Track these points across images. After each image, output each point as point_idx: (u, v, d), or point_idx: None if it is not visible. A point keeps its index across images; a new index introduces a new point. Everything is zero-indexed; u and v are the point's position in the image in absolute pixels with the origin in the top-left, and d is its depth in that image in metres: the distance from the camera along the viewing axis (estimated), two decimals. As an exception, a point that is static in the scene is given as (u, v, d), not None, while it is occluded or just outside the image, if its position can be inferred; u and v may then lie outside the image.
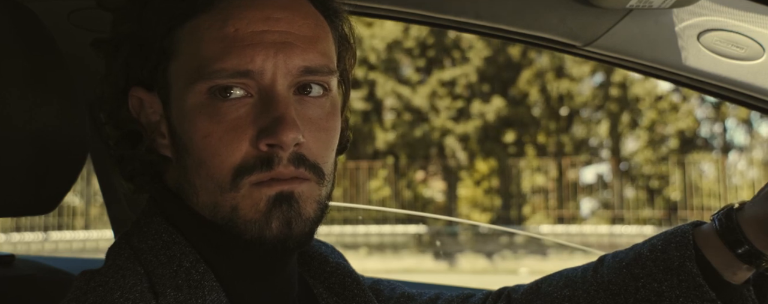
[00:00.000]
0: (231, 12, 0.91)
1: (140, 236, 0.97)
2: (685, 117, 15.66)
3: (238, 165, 0.90)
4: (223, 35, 0.90)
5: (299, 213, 0.92)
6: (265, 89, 0.90)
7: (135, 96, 0.96)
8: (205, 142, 0.90)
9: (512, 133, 16.41)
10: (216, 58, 0.89)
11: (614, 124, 16.36)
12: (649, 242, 1.13)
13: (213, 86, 0.89)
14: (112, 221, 1.92)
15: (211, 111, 0.90)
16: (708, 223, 1.10)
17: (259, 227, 0.90)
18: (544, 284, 1.22)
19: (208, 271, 0.94)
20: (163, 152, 0.97)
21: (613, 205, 16.28)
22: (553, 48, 1.41)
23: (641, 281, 1.09)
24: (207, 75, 0.89)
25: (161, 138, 0.97)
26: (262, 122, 0.89)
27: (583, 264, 1.21)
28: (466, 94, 16.22)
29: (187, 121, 0.91)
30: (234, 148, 0.90)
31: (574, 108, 16.65)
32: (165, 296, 0.89)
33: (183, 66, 0.92)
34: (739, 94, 1.34)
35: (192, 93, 0.90)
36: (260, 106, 0.90)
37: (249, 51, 0.89)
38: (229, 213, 0.91)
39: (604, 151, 16.97)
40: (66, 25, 1.54)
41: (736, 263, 1.06)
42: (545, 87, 16.30)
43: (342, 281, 1.17)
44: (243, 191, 0.90)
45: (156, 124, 0.97)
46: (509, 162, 16.66)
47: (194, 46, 0.91)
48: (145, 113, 0.97)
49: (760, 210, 1.05)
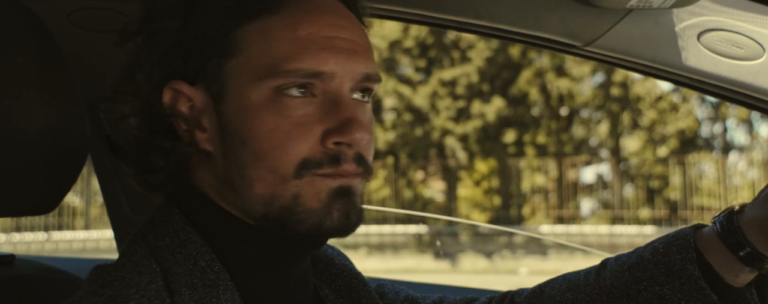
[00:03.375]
0: (301, 16, 0.95)
1: (157, 234, 0.98)
2: (685, 117, 15.65)
3: (305, 158, 0.94)
4: (296, 37, 0.94)
5: (355, 205, 0.98)
6: (332, 91, 0.96)
7: (173, 89, 0.97)
8: (270, 136, 0.93)
9: (512, 133, 16.41)
10: (290, 59, 0.93)
11: (614, 124, 16.36)
12: (651, 245, 1.13)
13: (283, 84, 0.93)
14: (112, 221, 1.92)
15: (278, 107, 0.93)
16: (709, 226, 1.10)
17: (321, 216, 0.95)
18: (547, 287, 1.23)
19: (223, 270, 0.95)
20: (203, 146, 0.98)
21: (613, 205, 16.27)
22: (553, 48, 1.41)
23: (643, 284, 1.10)
24: (280, 74, 0.93)
25: (201, 132, 0.98)
26: (330, 122, 0.95)
27: (586, 268, 1.21)
28: (466, 94, 16.21)
29: (250, 116, 0.94)
30: (300, 142, 0.94)
31: (574, 108, 16.64)
32: (180, 295, 0.90)
33: (247, 63, 0.95)
34: (739, 94, 1.34)
35: (257, 89, 0.94)
36: (326, 107, 0.95)
37: (323, 54, 0.94)
38: (289, 202, 0.94)
39: (604, 151, 16.97)
40: (66, 25, 1.54)
41: (737, 265, 1.06)
42: (545, 87, 16.30)
43: (348, 283, 1.18)
44: (306, 179, 0.94)
45: (195, 118, 0.98)
46: (509, 162, 16.65)
47: (263, 46, 0.94)
48: (182, 107, 0.98)
49: (760, 212, 1.05)
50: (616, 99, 16.07)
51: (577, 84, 16.26)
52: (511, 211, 16.57)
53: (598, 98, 16.36)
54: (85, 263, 2.41)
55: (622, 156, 16.59)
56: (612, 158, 16.61)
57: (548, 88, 16.29)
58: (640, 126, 16.09)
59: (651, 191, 15.90)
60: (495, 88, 16.49)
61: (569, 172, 16.58)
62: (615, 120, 16.31)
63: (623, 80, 15.81)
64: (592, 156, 16.92)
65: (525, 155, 16.57)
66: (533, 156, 16.51)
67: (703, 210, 14.88)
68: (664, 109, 15.75)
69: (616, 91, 15.94)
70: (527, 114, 16.66)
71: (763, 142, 15.98)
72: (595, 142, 16.92)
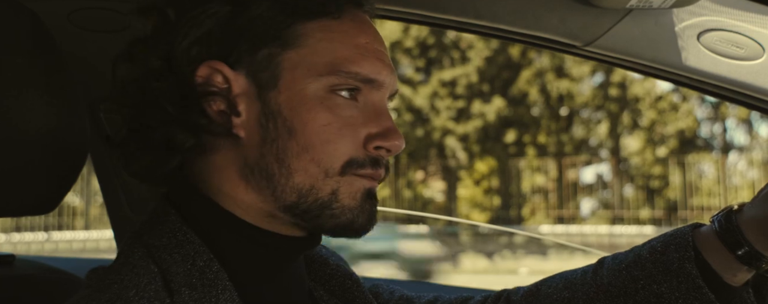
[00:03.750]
0: (358, 26, 1.02)
1: (153, 234, 0.98)
2: (685, 117, 15.65)
3: (351, 157, 0.98)
4: (357, 43, 1.00)
5: (377, 208, 1.04)
6: (375, 101, 1.02)
7: (212, 68, 0.97)
8: (323, 130, 0.97)
9: (512, 133, 16.41)
10: (352, 61, 0.99)
11: (614, 124, 16.35)
12: (649, 244, 1.13)
13: (339, 84, 0.98)
14: (112, 221, 1.92)
15: (331, 104, 0.98)
16: (708, 225, 1.10)
17: (354, 214, 0.99)
18: (543, 286, 1.23)
19: (222, 270, 0.95)
20: (235, 130, 0.98)
21: (612, 205, 16.27)
22: (553, 48, 1.41)
23: (641, 282, 1.10)
24: (340, 73, 0.98)
25: (235, 116, 0.98)
26: (372, 127, 1.00)
27: (583, 266, 1.21)
28: (466, 94, 16.21)
29: (304, 108, 0.97)
30: (348, 141, 0.98)
31: (574, 108, 16.64)
32: (180, 294, 0.91)
33: (306, 58, 0.98)
34: (739, 94, 1.34)
35: (315, 84, 0.97)
36: (369, 113, 1.01)
37: (378, 64, 1.01)
38: (327, 196, 0.98)
39: (604, 151, 16.97)
40: (66, 25, 1.54)
41: (736, 264, 1.06)
42: (545, 87, 16.29)
43: (342, 284, 1.18)
44: (347, 177, 0.98)
45: (230, 101, 0.99)
46: (509, 162, 16.65)
47: (326, 45, 0.99)
48: (216, 87, 0.98)
49: (759, 211, 1.05)
50: (615, 99, 16.06)
51: (577, 84, 16.26)
52: (511, 211, 16.56)
53: (598, 98, 16.35)
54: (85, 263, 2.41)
55: (622, 156, 16.59)
56: (612, 158, 16.61)
57: (548, 88, 16.28)
58: (640, 126, 16.08)
59: (651, 191, 15.90)
60: (495, 88, 16.48)
61: (569, 172, 16.58)
62: (615, 120, 16.30)
63: (622, 81, 15.81)
64: (592, 156, 16.92)
65: (525, 155, 16.56)
66: (533, 156, 16.51)
67: (702, 210, 14.88)
68: (664, 109, 15.75)
69: (616, 92, 15.94)
70: (527, 114, 16.66)
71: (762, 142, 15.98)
72: (595, 142, 16.92)
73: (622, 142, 16.55)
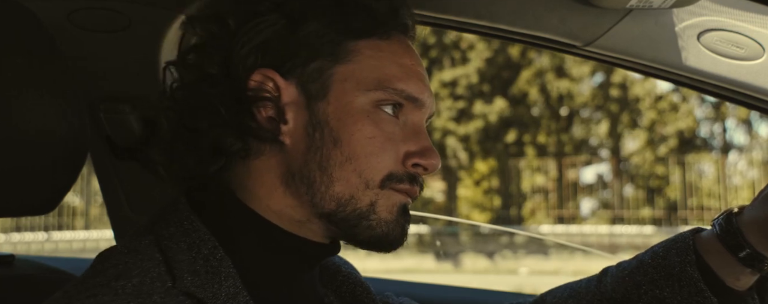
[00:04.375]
0: (404, 48, 1.07)
1: (163, 223, 1.00)
2: (685, 117, 15.65)
3: (391, 171, 1.01)
4: (402, 64, 1.04)
5: (409, 225, 1.06)
6: (415, 120, 1.06)
7: (265, 75, 1.00)
8: (366, 142, 1.00)
9: (512, 133, 16.41)
10: (398, 79, 1.02)
11: (614, 124, 16.35)
12: (651, 250, 1.15)
13: (385, 99, 1.02)
14: (112, 221, 1.92)
15: (376, 119, 1.01)
16: (709, 229, 1.11)
17: (390, 228, 1.02)
18: (548, 296, 1.25)
19: (226, 258, 0.97)
20: (281, 137, 1.01)
21: (612, 205, 16.27)
22: (553, 48, 1.41)
23: (643, 288, 1.11)
24: (387, 89, 1.02)
25: (283, 124, 1.01)
26: (411, 145, 1.03)
27: (588, 276, 1.23)
28: (466, 94, 16.21)
29: (351, 120, 1.00)
30: (389, 156, 1.01)
31: (574, 108, 16.64)
32: (182, 280, 0.92)
33: (356, 73, 1.02)
34: (739, 94, 1.33)
35: (363, 98, 1.01)
36: (408, 132, 1.04)
37: (421, 85, 1.05)
38: (365, 207, 1.00)
39: (604, 151, 16.97)
40: (66, 25, 1.54)
41: (738, 267, 1.07)
42: (545, 87, 16.30)
43: (352, 291, 1.20)
44: (385, 191, 1.01)
45: (279, 108, 1.01)
46: (509, 162, 16.65)
47: (375, 62, 1.03)
48: (267, 94, 1.01)
49: (759, 213, 1.06)
50: (615, 99, 16.06)
51: (577, 84, 16.26)
52: (511, 211, 16.57)
53: (598, 98, 16.35)
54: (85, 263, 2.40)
55: (622, 156, 16.59)
56: (612, 158, 16.61)
57: (548, 88, 16.28)
58: (640, 126, 16.08)
59: (651, 190, 15.90)
60: (495, 88, 16.48)
61: (569, 172, 16.58)
62: (615, 120, 16.30)
63: (623, 81, 15.81)
64: (592, 156, 16.92)
65: (525, 155, 16.56)
66: (533, 156, 16.51)
67: (702, 210, 14.88)
68: (664, 109, 15.75)
69: (616, 92, 15.94)
70: (527, 114, 16.66)
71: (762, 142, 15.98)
72: (595, 142, 16.92)
73: (622, 142, 16.56)
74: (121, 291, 0.88)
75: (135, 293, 0.89)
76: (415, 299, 1.36)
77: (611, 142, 16.69)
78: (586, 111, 16.73)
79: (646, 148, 15.99)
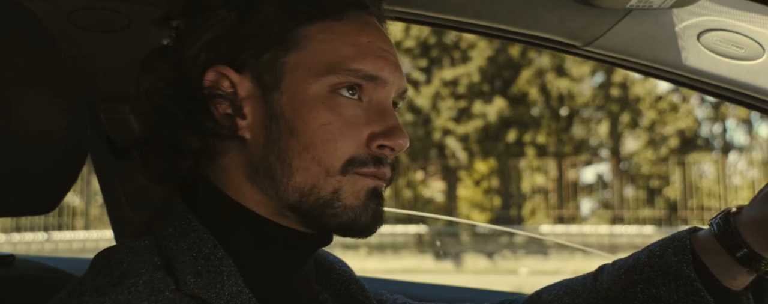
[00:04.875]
0: (361, 26, 1.03)
1: (161, 223, 1.00)
2: (685, 117, 15.65)
3: (352, 156, 0.99)
4: (358, 43, 1.01)
5: (383, 208, 1.04)
6: (380, 99, 1.03)
7: (218, 73, 1.00)
8: (322, 129, 0.98)
9: (512, 133, 16.40)
10: (351, 59, 1.00)
11: (614, 124, 16.35)
12: (648, 249, 1.14)
13: (340, 82, 0.99)
14: (112, 221, 1.92)
15: (332, 104, 0.99)
16: (706, 228, 1.11)
17: (357, 213, 1.00)
18: (544, 293, 1.25)
19: (226, 256, 0.97)
20: (241, 133, 1.00)
21: (613, 205, 16.27)
22: (553, 48, 1.41)
23: (639, 286, 1.11)
24: (341, 72, 0.99)
25: (241, 119, 1.00)
26: (375, 126, 1.01)
27: (584, 274, 1.22)
28: (467, 94, 16.20)
29: (305, 109, 0.98)
30: (349, 140, 0.99)
31: (574, 108, 16.64)
32: (185, 283, 0.92)
33: (307, 59, 1.00)
34: (739, 94, 1.34)
35: (316, 84, 0.99)
36: (372, 112, 1.02)
37: (380, 62, 1.02)
38: (328, 195, 0.99)
39: (604, 151, 16.96)
40: (66, 25, 1.54)
41: (735, 267, 1.06)
42: (545, 87, 16.29)
43: (347, 288, 1.19)
44: (349, 176, 0.99)
45: (236, 104, 1.01)
46: (509, 162, 16.65)
47: (327, 46, 1.00)
48: (222, 91, 1.00)
49: (757, 213, 1.06)
50: (616, 99, 16.06)
51: (577, 84, 16.25)
52: (511, 211, 16.57)
53: (598, 98, 16.35)
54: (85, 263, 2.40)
55: (622, 156, 16.59)
56: (612, 158, 16.61)
57: (548, 88, 16.28)
58: (640, 126, 16.08)
59: (651, 190, 15.90)
60: (495, 88, 16.48)
61: (569, 172, 16.58)
62: (615, 120, 16.30)
63: (623, 80, 15.81)
64: (592, 156, 16.92)
65: (525, 155, 16.56)
66: (533, 156, 16.50)
67: (702, 210, 14.88)
68: (664, 109, 15.75)
69: (616, 92, 15.94)
70: (527, 114, 16.66)
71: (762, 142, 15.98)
72: (595, 142, 16.91)
73: (622, 142, 16.56)
74: (133, 289, 0.89)
75: (148, 290, 0.89)
76: (414, 299, 1.36)
77: (611, 142, 16.69)
78: (587, 111, 16.73)
79: (647, 148, 15.99)
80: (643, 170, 16.11)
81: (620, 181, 16.42)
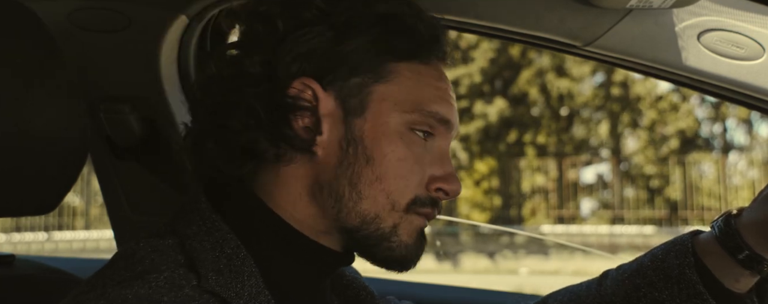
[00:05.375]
0: (440, 74, 1.08)
1: (184, 222, 1.00)
2: (686, 117, 15.65)
3: (417, 195, 1.02)
4: (438, 87, 1.06)
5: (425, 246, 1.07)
6: (442, 144, 1.07)
7: (305, 84, 1.00)
8: (398, 164, 1.01)
9: (513, 133, 16.40)
10: (433, 102, 1.04)
11: (614, 124, 16.35)
12: (651, 253, 1.15)
13: (419, 122, 1.03)
14: (112, 221, 1.92)
15: (408, 141, 1.02)
16: (707, 231, 1.11)
17: (409, 251, 1.03)
18: (550, 299, 1.26)
19: (249, 257, 0.97)
20: (313, 147, 1.01)
21: (613, 205, 16.27)
22: (553, 48, 1.41)
23: (642, 290, 1.11)
24: (423, 111, 1.03)
25: (318, 135, 1.01)
26: (435, 170, 1.04)
27: (589, 279, 1.23)
28: (468, 94, 16.20)
29: (386, 141, 1.01)
30: (416, 179, 1.03)
31: (574, 108, 16.64)
32: (207, 279, 0.92)
33: (395, 93, 1.02)
34: (739, 94, 1.33)
35: (398, 118, 1.02)
36: (435, 155, 1.05)
37: (452, 109, 1.07)
38: (389, 228, 1.02)
39: (604, 151, 16.96)
40: (66, 25, 1.54)
41: (737, 269, 1.06)
42: (545, 87, 16.30)
43: (357, 294, 1.20)
44: (409, 214, 1.02)
45: (317, 118, 1.01)
46: (509, 162, 16.65)
47: (414, 84, 1.04)
48: (306, 103, 1.01)
49: (758, 214, 1.06)
50: (616, 99, 16.06)
51: (578, 84, 16.26)
52: (511, 211, 16.57)
53: (599, 98, 16.35)
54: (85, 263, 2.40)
55: (623, 156, 16.59)
56: (612, 158, 16.61)
57: (548, 88, 16.28)
58: (641, 126, 16.08)
59: (651, 190, 15.90)
60: (495, 88, 16.48)
61: (569, 172, 16.58)
62: (615, 120, 16.31)
63: (623, 80, 15.81)
64: (592, 156, 16.92)
65: (525, 155, 16.56)
66: (533, 156, 16.51)
67: (703, 210, 14.88)
68: (664, 109, 15.75)
69: (617, 91, 15.94)
70: (527, 114, 16.66)
71: (762, 142, 15.99)
72: (595, 142, 16.91)
73: (622, 143, 16.56)
74: (154, 283, 0.89)
75: (167, 286, 0.89)
76: (414, 299, 1.37)
77: (611, 142, 16.69)
78: (587, 111, 16.73)
79: (647, 148, 16.00)
80: (643, 170, 16.11)
81: (620, 181, 16.43)
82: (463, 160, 16.54)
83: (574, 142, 16.80)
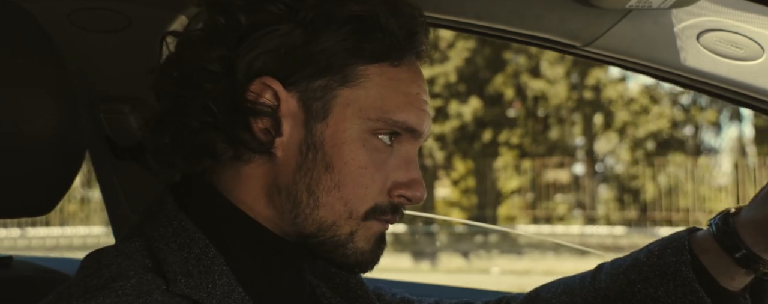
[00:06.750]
0: (413, 75, 1.03)
1: (152, 224, 0.99)
2: (658, 119, 15.76)
3: (376, 204, 1.00)
4: (408, 92, 1.01)
5: (384, 249, 1.05)
6: (409, 150, 1.03)
7: (265, 84, 0.97)
8: (358, 172, 0.98)
9: (488, 133, 16.44)
10: (401, 110, 1.00)
11: (588, 125, 16.44)
12: (647, 248, 1.15)
13: (383, 128, 0.99)
14: (112, 220, 1.91)
15: (371, 147, 0.99)
16: (705, 229, 1.11)
17: (365, 256, 1.01)
18: (543, 291, 1.25)
19: (218, 256, 0.96)
20: (273, 149, 0.98)
21: (586, 205, 16.36)
22: (553, 48, 1.42)
23: (637, 286, 1.11)
24: (388, 120, 0.99)
25: (277, 136, 0.98)
26: (399, 175, 1.02)
27: (583, 272, 1.23)
28: (444, 93, 16.21)
29: (347, 149, 0.98)
30: (377, 187, 1.00)
31: (549, 109, 16.70)
32: (176, 283, 0.91)
33: (360, 99, 0.99)
34: (738, 95, 1.34)
35: (361, 124, 0.98)
36: (400, 160, 1.02)
37: (423, 116, 1.02)
38: (345, 236, 0.99)
39: (579, 152, 17.05)
40: (66, 25, 1.54)
41: (734, 268, 1.07)
42: (521, 87, 16.34)
43: (346, 282, 1.19)
44: (367, 222, 1.00)
45: (276, 120, 0.98)
46: (485, 162, 16.68)
47: (381, 90, 0.99)
48: (265, 104, 0.97)
49: (756, 213, 1.06)
50: (589, 101, 16.15)
51: (552, 85, 16.31)
52: (486, 211, 16.59)
53: (572, 100, 16.43)
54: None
55: (597, 157, 16.68)
56: (586, 159, 16.70)
57: (524, 89, 16.33)
58: (614, 128, 16.18)
59: (624, 192, 16.00)
60: (471, 88, 16.50)
61: (544, 172, 16.64)
62: (589, 122, 16.39)
63: (595, 83, 15.90)
64: (566, 157, 16.99)
65: (501, 155, 16.60)
66: (509, 156, 16.55)
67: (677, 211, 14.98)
68: (637, 111, 15.86)
69: (589, 94, 16.02)
70: (503, 114, 16.70)
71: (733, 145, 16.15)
72: (570, 142, 16.99)
73: (596, 144, 16.65)
74: (121, 292, 0.87)
75: (135, 293, 0.88)
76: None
77: (586, 143, 16.77)
78: (562, 112, 16.79)
79: (621, 149, 16.10)
80: (616, 171, 16.21)
81: (594, 182, 16.52)
82: (439, 160, 16.55)
83: (548, 144, 16.86)
